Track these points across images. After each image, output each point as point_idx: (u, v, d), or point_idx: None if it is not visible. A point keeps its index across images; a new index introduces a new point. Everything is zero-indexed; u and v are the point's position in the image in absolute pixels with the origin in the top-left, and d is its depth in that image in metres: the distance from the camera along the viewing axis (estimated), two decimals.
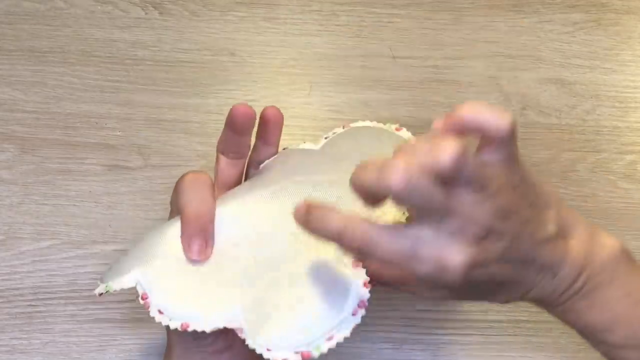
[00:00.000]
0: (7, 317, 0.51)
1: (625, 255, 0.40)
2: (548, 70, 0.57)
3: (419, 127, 0.56)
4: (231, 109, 0.42)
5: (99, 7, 0.59)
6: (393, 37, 0.58)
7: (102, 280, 0.42)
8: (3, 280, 0.51)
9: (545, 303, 0.40)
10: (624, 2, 0.59)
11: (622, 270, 0.40)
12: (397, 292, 0.40)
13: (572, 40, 0.58)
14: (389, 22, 0.59)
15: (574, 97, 0.57)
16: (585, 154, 0.55)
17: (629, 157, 0.55)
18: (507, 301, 0.40)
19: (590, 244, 0.39)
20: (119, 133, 0.55)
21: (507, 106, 0.56)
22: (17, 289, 0.51)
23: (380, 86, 0.57)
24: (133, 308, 0.51)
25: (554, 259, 0.38)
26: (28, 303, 0.51)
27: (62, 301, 0.51)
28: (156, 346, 0.50)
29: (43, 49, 0.57)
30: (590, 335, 0.40)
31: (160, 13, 0.59)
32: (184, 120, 0.55)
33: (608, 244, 0.39)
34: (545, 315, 0.42)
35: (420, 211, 0.34)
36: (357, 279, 0.38)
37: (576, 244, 0.39)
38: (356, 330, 0.50)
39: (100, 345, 0.50)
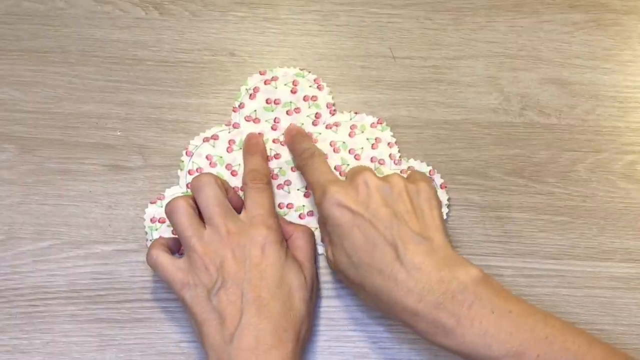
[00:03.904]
0: (7, 317, 0.51)
1: (487, 279, 0.43)
2: (548, 70, 0.57)
3: (419, 127, 0.56)
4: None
5: (99, 7, 0.59)
6: (393, 37, 0.58)
7: None
8: (3, 280, 0.51)
9: (406, 308, 0.43)
10: (624, 2, 0.59)
11: (484, 291, 0.42)
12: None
13: (572, 40, 0.58)
14: (389, 22, 0.59)
15: (574, 97, 0.57)
16: (585, 154, 0.55)
17: (629, 157, 0.55)
18: (367, 287, 0.45)
19: (451, 267, 0.43)
20: (119, 133, 0.55)
21: (507, 106, 0.56)
22: (17, 289, 0.51)
23: (380, 86, 0.57)
24: (133, 308, 0.51)
25: (411, 255, 0.43)
26: (28, 303, 0.51)
27: (62, 301, 0.51)
28: (156, 346, 0.50)
29: (43, 49, 0.57)
30: (469, 354, 0.42)
31: (161, 13, 0.59)
32: (184, 120, 0.56)
33: (470, 269, 0.43)
34: None
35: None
36: None
37: (437, 261, 0.43)
38: (357, 330, 0.51)
39: (100, 345, 0.50)
